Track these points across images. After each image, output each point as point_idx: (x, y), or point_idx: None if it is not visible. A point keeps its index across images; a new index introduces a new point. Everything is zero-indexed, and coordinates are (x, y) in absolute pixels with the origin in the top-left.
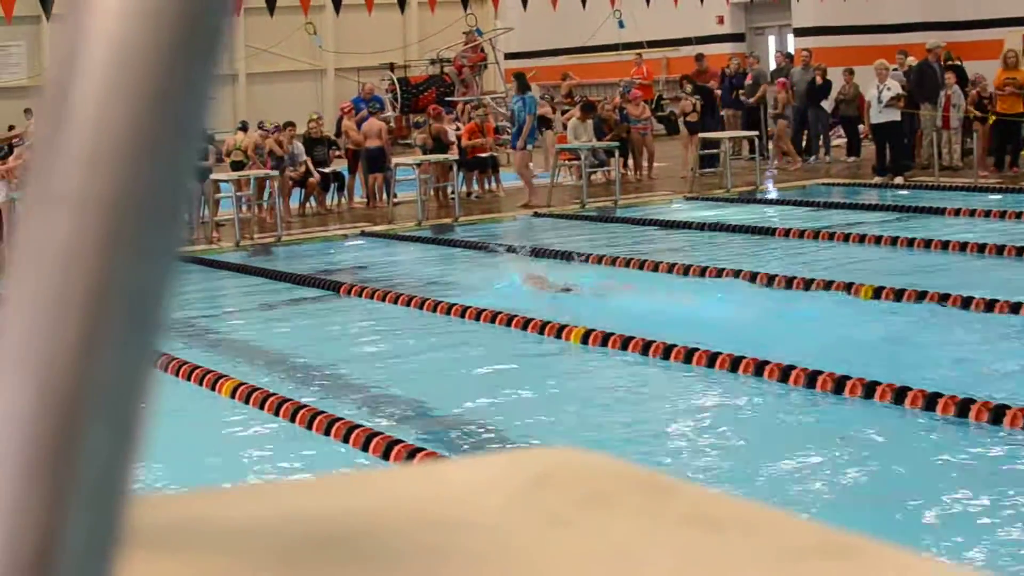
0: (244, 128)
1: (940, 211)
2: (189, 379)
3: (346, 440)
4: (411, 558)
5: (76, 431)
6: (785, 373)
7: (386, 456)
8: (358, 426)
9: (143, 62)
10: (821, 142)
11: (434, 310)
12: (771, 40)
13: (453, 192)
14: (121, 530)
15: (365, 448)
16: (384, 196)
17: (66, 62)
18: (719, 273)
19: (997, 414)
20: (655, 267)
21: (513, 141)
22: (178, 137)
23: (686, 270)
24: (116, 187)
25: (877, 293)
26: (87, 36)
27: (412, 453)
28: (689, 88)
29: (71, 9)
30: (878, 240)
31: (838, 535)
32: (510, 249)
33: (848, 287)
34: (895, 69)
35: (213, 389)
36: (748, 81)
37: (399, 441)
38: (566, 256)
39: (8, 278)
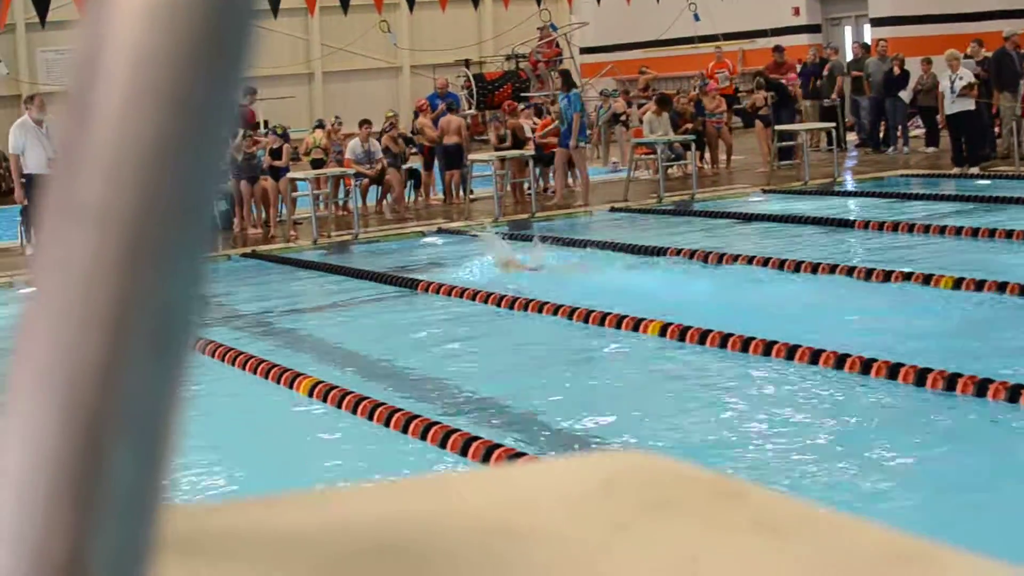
0: (321, 126)
1: (1020, 201)
2: (267, 377)
3: (423, 437)
4: (472, 566)
5: (102, 448)
6: (866, 366)
7: (464, 453)
8: (435, 423)
9: (166, 70)
10: (899, 133)
11: (511, 307)
12: (847, 30)
13: (529, 188)
14: (150, 548)
15: (443, 445)
16: (461, 193)
17: (87, 70)
18: (797, 266)
19: None
20: (734, 259)
21: (563, 141)
22: (203, 147)
23: (765, 262)
24: (139, 199)
25: (957, 284)
26: (108, 43)
27: (490, 450)
28: (761, 82)
29: (91, 16)
30: (958, 231)
31: (909, 541)
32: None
33: (927, 278)
34: (967, 57)
35: (291, 387)
36: (825, 73)
37: (476, 438)
38: (648, 251)
39: (31, 293)
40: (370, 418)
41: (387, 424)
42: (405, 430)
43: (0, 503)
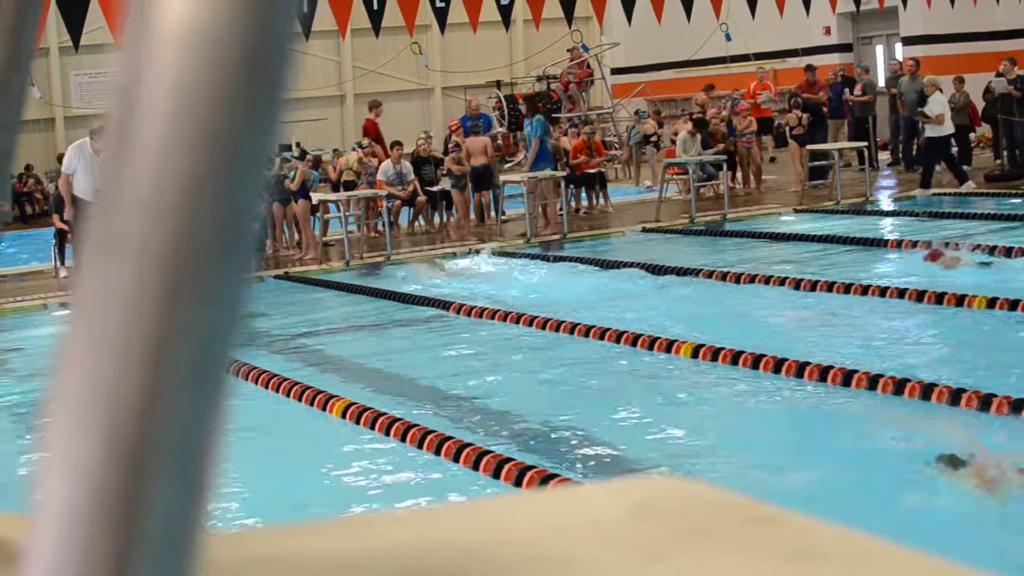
0: (354, 149)
1: None
2: (300, 399)
3: (456, 459)
4: None
5: (143, 479)
6: (899, 386)
7: (496, 475)
8: (468, 444)
9: (206, 99)
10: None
11: (543, 327)
12: (879, 50)
13: (561, 208)
14: None
15: (475, 467)
16: (492, 213)
17: (126, 102)
18: (830, 287)
19: None
20: (767, 280)
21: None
22: (242, 177)
23: (797, 284)
24: (179, 230)
25: (991, 304)
26: (147, 74)
27: (522, 472)
28: (798, 101)
29: (131, 47)
30: (991, 250)
31: (950, 568)
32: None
33: (960, 299)
34: (998, 75)
35: (324, 408)
36: (858, 91)
37: (509, 459)
38: (679, 271)
39: (72, 323)
40: (403, 440)
41: (420, 446)
42: (438, 452)
43: (40, 534)
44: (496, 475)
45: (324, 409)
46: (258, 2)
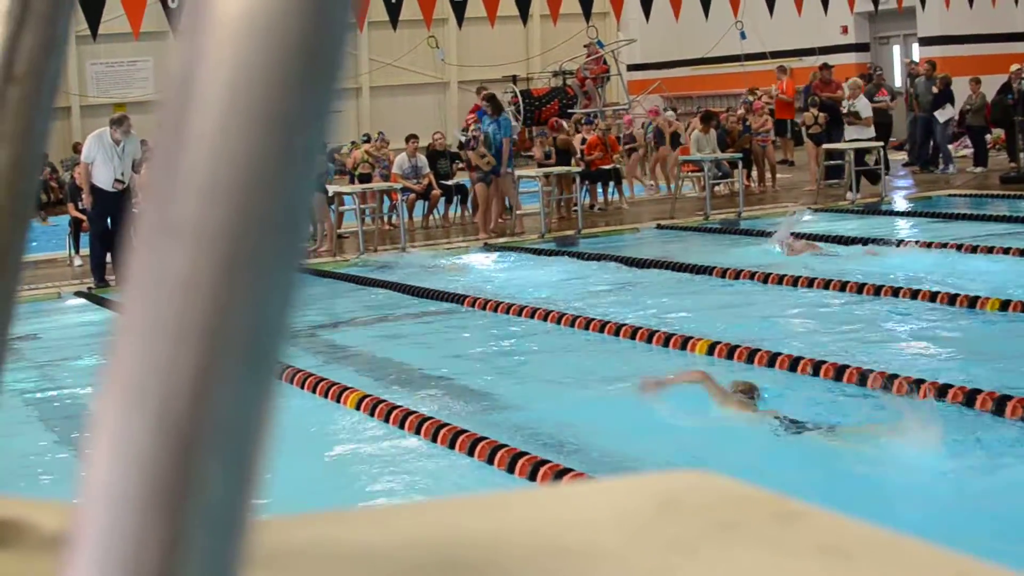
0: (368, 141)
1: None
2: (314, 391)
3: (471, 453)
4: None
5: (195, 463)
6: (915, 386)
7: (511, 470)
8: (483, 439)
9: (262, 85)
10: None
11: (558, 322)
12: (896, 50)
13: (576, 204)
14: (239, 561)
15: (490, 461)
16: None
17: (183, 86)
18: (843, 286)
19: None
20: (779, 280)
21: (495, 169)
22: (297, 161)
23: (810, 283)
24: (234, 214)
25: (1004, 306)
26: (204, 60)
27: (536, 467)
28: (815, 100)
29: (188, 32)
30: (1006, 251)
31: (976, 564)
32: None
33: (973, 300)
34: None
35: (338, 401)
36: (883, 95)
37: (524, 454)
38: (694, 269)
39: (125, 307)
40: (417, 432)
41: (434, 439)
42: (452, 445)
43: (89, 515)
44: (511, 470)
45: (338, 401)
46: None
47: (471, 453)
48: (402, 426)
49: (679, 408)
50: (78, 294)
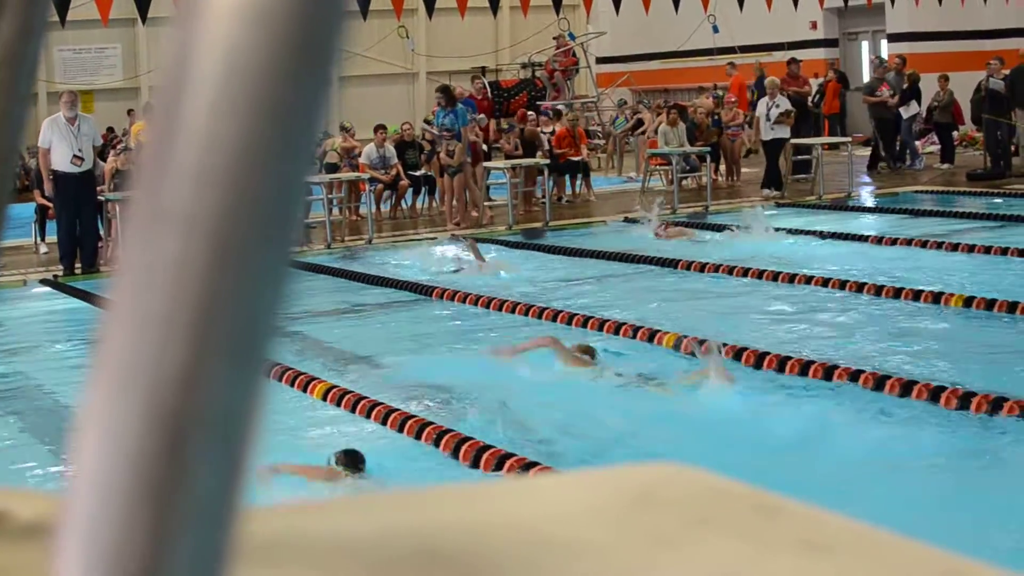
0: (346, 131)
1: None
2: (280, 380)
3: (436, 444)
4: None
5: (184, 452)
6: (880, 383)
7: (475, 464)
8: (449, 430)
9: (257, 73)
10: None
11: (526, 314)
12: (864, 46)
13: (543, 196)
14: (229, 550)
15: (455, 455)
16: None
17: (176, 72)
18: (808, 280)
19: None
20: (744, 273)
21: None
22: (291, 149)
23: (775, 277)
24: (227, 204)
25: (968, 303)
26: (198, 45)
27: (501, 460)
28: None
29: (182, 17)
30: (971, 249)
31: (958, 561)
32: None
33: (937, 297)
34: (991, 76)
35: (305, 391)
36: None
37: (489, 447)
38: (660, 262)
39: (115, 295)
40: (384, 423)
41: (400, 429)
42: (419, 436)
43: (77, 504)
44: (475, 464)
45: (306, 391)
46: None
47: (437, 444)
48: (369, 416)
49: (535, 368)
50: (44, 282)
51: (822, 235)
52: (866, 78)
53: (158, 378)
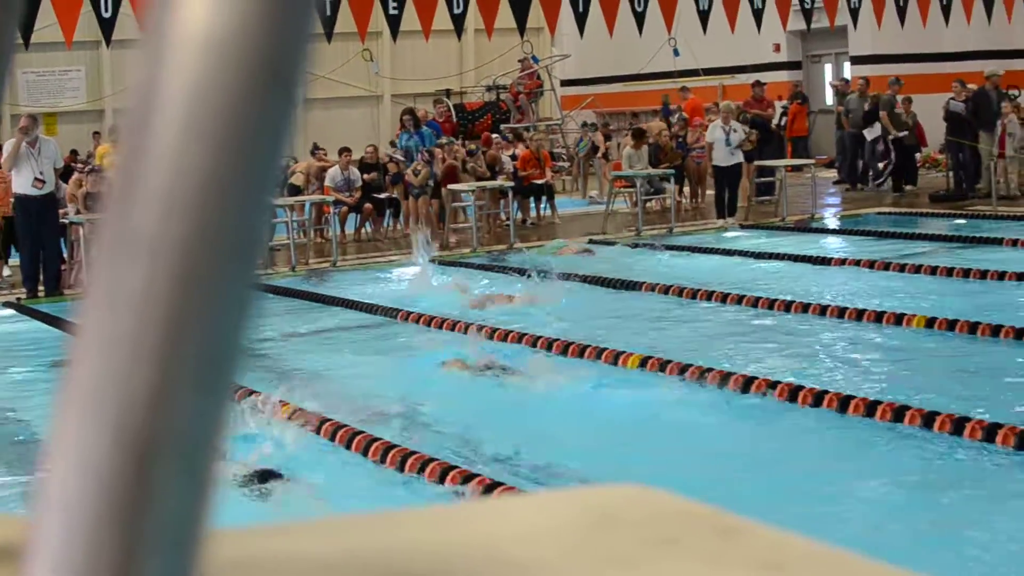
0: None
1: (997, 241)
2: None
3: (401, 468)
4: None
5: (150, 476)
6: (844, 404)
7: (440, 481)
8: (414, 452)
9: (222, 101)
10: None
11: (491, 337)
12: (827, 68)
13: (508, 219)
14: (195, 571)
15: (420, 472)
16: (439, 222)
17: (144, 98)
18: (771, 304)
19: None
20: (708, 296)
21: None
22: (256, 176)
23: (739, 299)
24: (194, 226)
25: (930, 324)
26: (165, 75)
27: (466, 479)
28: (746, 117)
29: (150, 45)
30: (933, 270)
31: None
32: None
33: (899, 318)
34: (952, 98)
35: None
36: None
37: (453, 467)
38: (623, 284)
39: (84, 318)
40: (348, 447)
41: (365, 453)
42: (383, 460)
43: (47, 526)
44: (440, 481)
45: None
46: (275, 6)
47: (401, 468)
48: (333, 439)
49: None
50: (7, 304)
51: (785, 257)
52: (829, 100)
53: (125, 400)
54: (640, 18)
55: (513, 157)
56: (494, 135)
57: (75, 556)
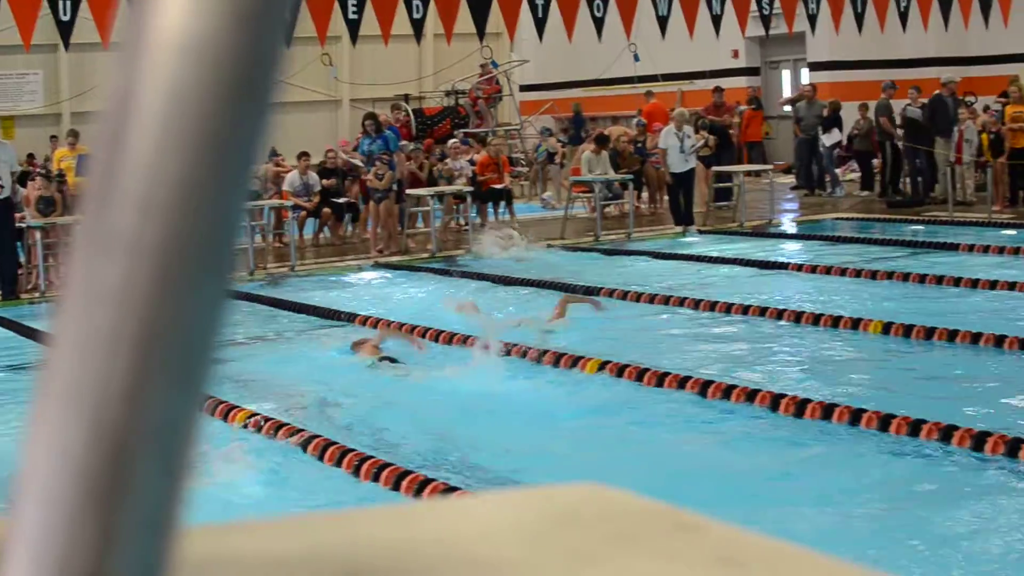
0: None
1: (954, 247)
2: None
3: (356, 472)
4: None
5: (127, 469)
6: (800, 407)
7: (396, 488)
8: (369, 457)
9: (197, 105)
10: (827, 176)
11: (449, 342)
12: (785, 74)
13: (466, 224)
14: (169, 562)
15: (375, 479)
16: (398, 227)
17: (121, 104)
18: (728, 308)
19: (1013, 447)
20: (666, 300)
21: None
22: (230, 180)
23: (696, 304)
24: (169, 230)
25: (886, 329)
26: (142, 80)
27: (422, 485)
28: (705, 123)
29: (126, 53)
30: (889, 275)
31: (868, 575)
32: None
33: (856, 323)
34: (908, 104)
35: (225, 419)
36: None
37: (409, 472)
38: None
39: (60, 317)
40: (304, 450)
41: (321, 457)
42: (339, 463)
43: (25, 516)
44: (396, 488)
45: (225, 419)
46: (248, 12)
47: (356, 473)
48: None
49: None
50: None
51: (742, 262)
52: (787, 107)
53: (103, 395)
54: (599, 23)
55: (472, 162)
56: (451, 140)
57: (53, 545)
